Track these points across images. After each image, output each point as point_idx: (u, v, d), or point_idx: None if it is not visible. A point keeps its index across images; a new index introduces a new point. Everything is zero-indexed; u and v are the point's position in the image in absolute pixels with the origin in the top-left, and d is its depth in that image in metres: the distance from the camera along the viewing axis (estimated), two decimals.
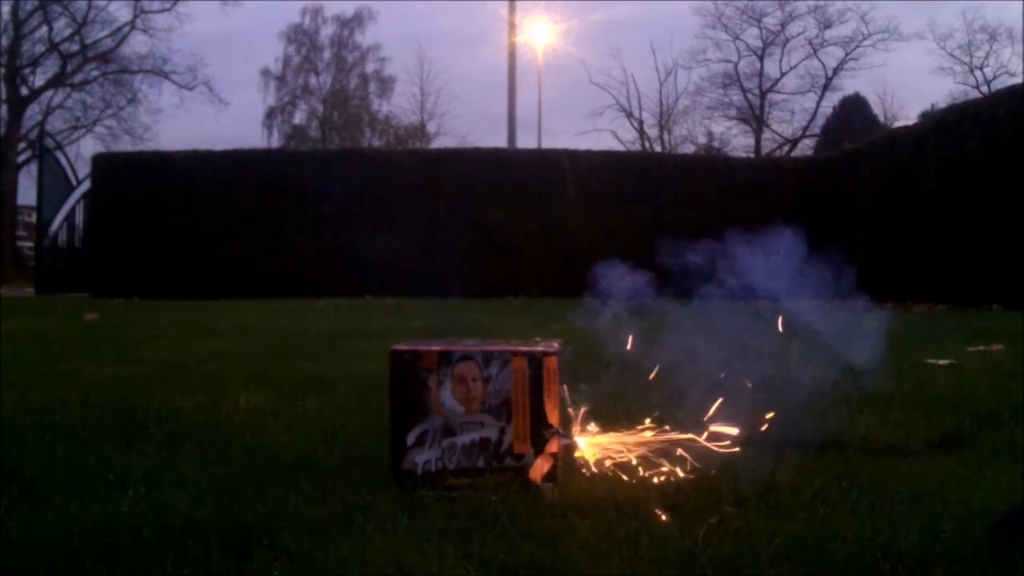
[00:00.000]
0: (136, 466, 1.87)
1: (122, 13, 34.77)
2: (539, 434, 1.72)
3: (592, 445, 1.81)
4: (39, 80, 31.05)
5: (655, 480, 1.73)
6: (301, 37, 39.30)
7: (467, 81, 58.86)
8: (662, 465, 1.76)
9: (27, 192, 27.91)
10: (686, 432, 1.79)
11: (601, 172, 14.44)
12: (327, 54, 39.52)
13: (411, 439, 1.73)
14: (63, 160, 17.56)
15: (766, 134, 35.48)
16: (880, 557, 1.32)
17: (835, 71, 34.28)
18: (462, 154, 15.73)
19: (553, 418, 1.73)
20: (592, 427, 1.84)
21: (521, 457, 1.72)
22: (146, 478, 1.76)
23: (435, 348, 1.76)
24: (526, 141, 31.03)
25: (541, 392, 1.72)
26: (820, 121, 33.99)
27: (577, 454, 1.79)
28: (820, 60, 34.60)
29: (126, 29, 31.23)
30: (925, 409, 2.58)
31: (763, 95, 35.10)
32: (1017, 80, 24.22)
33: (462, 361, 1.74)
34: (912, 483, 1.73)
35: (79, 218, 16.52)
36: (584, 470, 1.78)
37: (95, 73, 31.58)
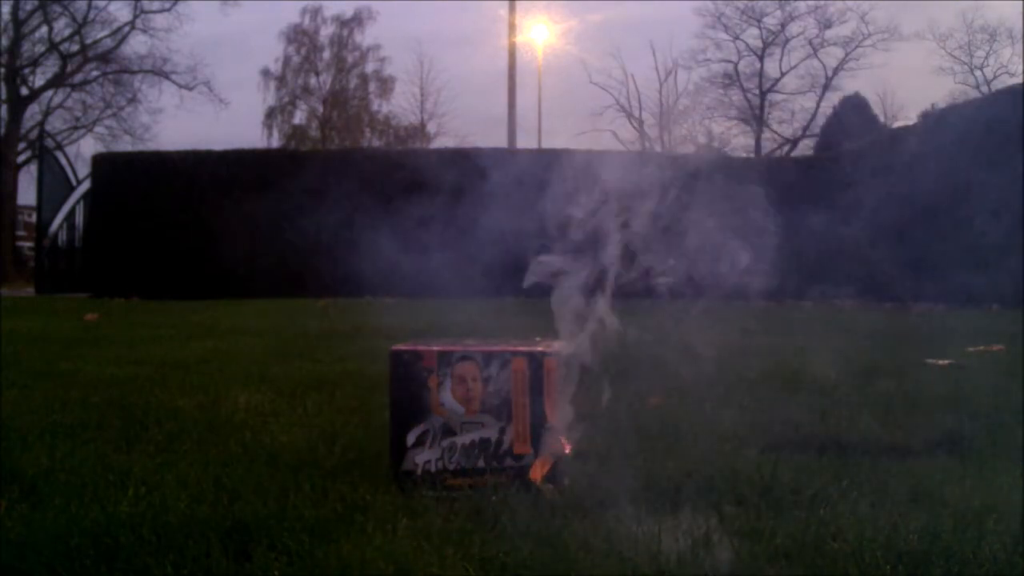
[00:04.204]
0: (136, 466, 1.87)
1: (122, 13, 34.82)
2: (539, 434, 1.72)
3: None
4: (39, 80, 31.04)
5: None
6: (301, 37, 39.26)
7: (467, 81, 58.78)
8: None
9: (27, 192, 27.87)
10: None
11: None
12: (327, 54, 39.50)
13: (411, 439, 1.74)
14: (63, 160, 17.54)
15: (766, 134, 35.48)
16: (880, 557, 1.33)
17: (835, 71, 34.29)
18: (462, 154, 15.73)
19: (553, 418, 1.73)
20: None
21: (521, 457, 1.72)
22: (146, 478, 1.76)
23: (435, 348, 1.76)
24: (526, 141, 31.03)
25: (541, 392, 1.72)
26: (820, 121, 33.97)
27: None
28: (820, 60, 34.61)
29: (126, 29, 31.22)
30: (925, 409, 2.58)
31: (763, 95, 35.10)
32: (1017, 80, 24.24)
33: (462, 361, 1.74)
34: (912, 483, 1.74)
35: (79, 218, 16.50)
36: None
37: (95, 73, 31.57)
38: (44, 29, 30.51)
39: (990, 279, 9.13)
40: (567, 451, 1.77)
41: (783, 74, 35.17)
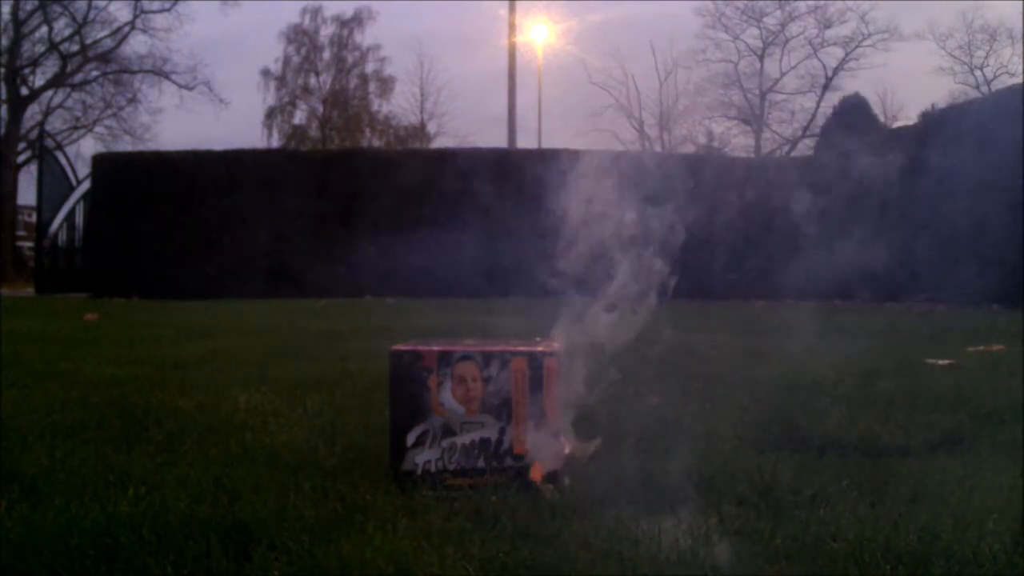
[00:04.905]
0: (136, 466, 1.87)
1: (122, 13, 34.69)
2: (539, 437, 1.72)
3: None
4: (39, 80, 31.00)
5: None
6: (301, 37, 39.22)
7: (467, 81, 58.74)
8: None
9: (27, 192, 27.82)
10: None
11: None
12: (327, 54, 39.47)
13: (411, 439, 1.73)
14: (63, 160, 17.53)
15: (766, 134, 35.47)
16: (880, 557, 1.33)
17: (835, 71, 34.27)
18: (462, 154, 15.72)
19: (553, 419, 1.73)
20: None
21: (521, 457, 1.72)
22: (146, 478, 1.76)
23: (435, 348, 1.76)
24: (526, 141, 31.03)
25: (541, 392, 1.72)
26: (820, 121, 33.96)
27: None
28: (820, 60, 34.59)
29: (126, 29, 31.17)
30: (925, 409, 2.58)
31: (763, 95, 35.09)
32: (1017, 80, 24.21)
33: (462, 361, 1.74)
34: (912, 483, 1.74)
35: (79, 218, 16.49)
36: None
37: (95, 73, 31.53)
38: (44, 29, 30.47)
39: (990, 279, 9.13)
40: (566, 451, 1.77)
41: (783, 74, 35.15)
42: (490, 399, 1.72)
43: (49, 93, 31.16)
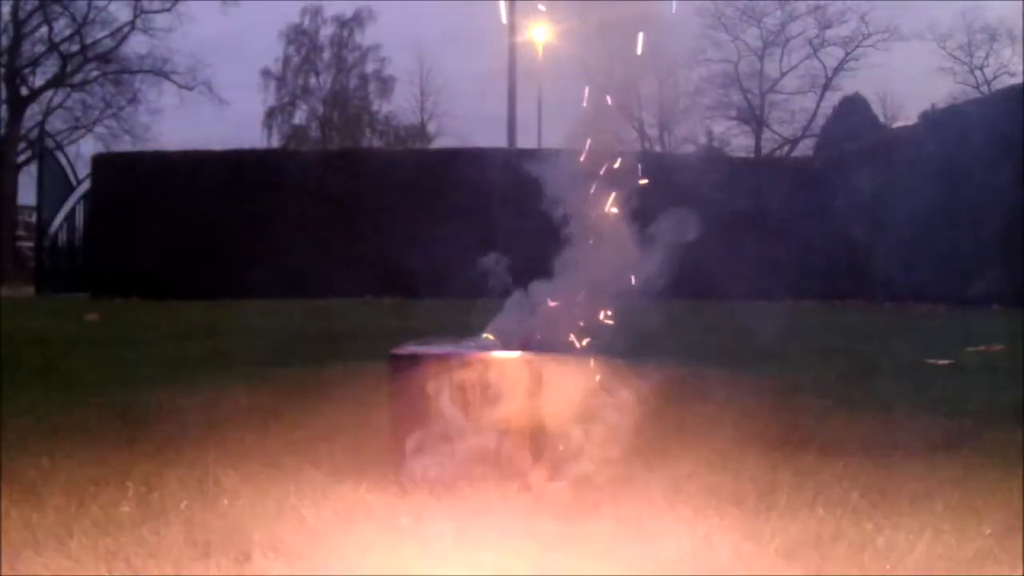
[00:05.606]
0: (136, 466, 1.86)
1: (122, 13, 34.56)
2: (538, 438, 1.72)
3: None
4: (39, 80, 31.00)
5: None
6: (301, 37, 39.22)
7: (467, 81, 58.68)
8: None
9: (27, 192, 27.80)
10: None
11: None
12: (327, 54, 39.47)
13: (410, 443, 1.73)
14: (63, 160, 17.53)
15: (766, 134, 35.45)
16: (880, 557, 1.32)
17: (835, 71, 34.27)
18: (462, 154, 15.71)
19: (552, 423, 1.72)
20: None
21: (521, 462, 1.71)
22: (146, 478, 1.76)
23: (434, 353, 1.75)
24: (526, 141, 30.97)
25: (540, 396, 1.72)
26: (820, 121, 33.98)
27: None
28: (820, 60, 34.58)
29: (126, 29, 31.15)
30: (925, 409, 2.58)
31: (763, 95, 35.08)
32: (1017, 80, 24.18)
33: (461, 366, 1.73)
34: (912, 483, 1.74)
35: (79, 218, 16.49)
36: None
37: (95, 73, 31.51)
38: (44, 29, 30.46)
39: (990, 279, 9.13)
40: (564, 448, 1.77)
41: (783, 74, 35.15)
42: (489, 404, 1.72)
43: (49, 93, 31.14)
